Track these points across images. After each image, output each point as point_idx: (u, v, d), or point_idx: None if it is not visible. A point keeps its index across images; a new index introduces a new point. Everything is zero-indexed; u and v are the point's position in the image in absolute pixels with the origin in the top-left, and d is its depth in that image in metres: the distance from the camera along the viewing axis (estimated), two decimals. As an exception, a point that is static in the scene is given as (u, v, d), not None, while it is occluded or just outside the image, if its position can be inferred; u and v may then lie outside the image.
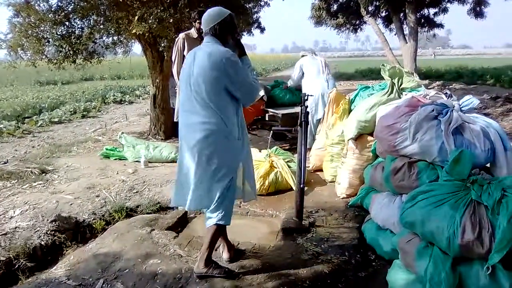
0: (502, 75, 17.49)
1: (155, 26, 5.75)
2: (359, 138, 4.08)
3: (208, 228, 2.77)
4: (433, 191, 2.37)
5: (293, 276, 2.81)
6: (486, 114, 8.90)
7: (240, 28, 15.64)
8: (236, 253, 3.10)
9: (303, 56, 6.49)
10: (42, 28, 6.27)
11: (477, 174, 2.46)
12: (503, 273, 2.06)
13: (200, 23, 5.27)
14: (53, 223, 3.69)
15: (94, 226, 3.85)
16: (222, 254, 3.05)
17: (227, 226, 2.82)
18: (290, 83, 6.64)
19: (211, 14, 2.70)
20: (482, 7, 15.22)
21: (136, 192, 4.60)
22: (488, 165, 2.88)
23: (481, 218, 2.13)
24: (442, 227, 2.18)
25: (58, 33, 6.46)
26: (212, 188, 2.67)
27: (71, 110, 11.04)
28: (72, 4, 6.38)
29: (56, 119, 9.89)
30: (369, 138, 3.99)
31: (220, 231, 2.83)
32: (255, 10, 16.03)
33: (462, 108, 2.96)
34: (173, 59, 4.99)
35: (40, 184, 4.86)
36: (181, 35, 4.98)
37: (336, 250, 3.17)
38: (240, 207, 4.13)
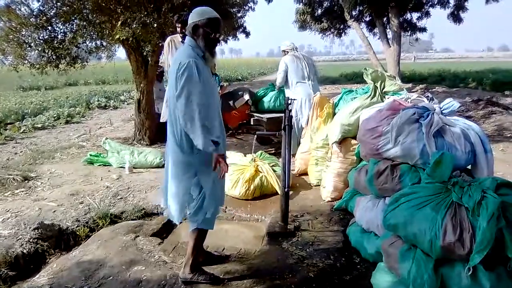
0: (483, 78, 17.83)
1: (138, 30, 5.72)
2: (343, 141, 4.10)
3: (190, 233, 2.77)
4: (415, 193, 2.40)
5: (278, 280, 2.82)
6: (468, 117, 9.06)
7: (224, 33, 15.70)
8: (218, 259, 3.09)
9: (284, 51, 6.22)
10: (23, 33, 6.18)
11: (458, 176, 2.50)
12: (484, 273, 2.09)
13: (180, 26, 5.29)
14: (36, 230, 3.63)
15: (78, 233, 3.80)
16: None
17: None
18: (277, 84, 6.46)
19: (193, 12, 2.61)
20: (460, 12, 15.50)
21: (121, 198, 4.56)
22: (469, 167, 2.93)
23: (462, 220, 2.17)
24: (424, 229, 2.21)
25: (40, 37, 6.38)
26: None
27: (54, 115, 10.88)
28: (54, 8, 6.31)
29: (39, 125, 9.74)
30: (353, 141, 4.02)
31: (202, 236, 2.81)
32: (240, 14, 16.08)
33: (443, 111, 3.01)
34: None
35: (22, 191, 4.79)
36: (168, 39, 4.99)
37: (321, 253, 3.18)
38: (225, 212, 4.12)
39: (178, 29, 5.06)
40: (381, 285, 2.55)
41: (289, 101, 3.66)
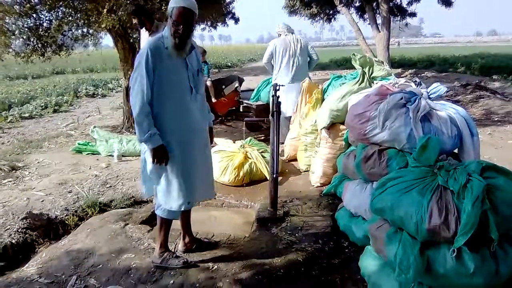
0: (472, 63, 17.93)
1: (125, 17, 5.65)
2: (331, 127, 4.11)
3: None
4: (402, 177, 2.42)
5: (267, 265, 2.84)
6: (457, 101, 9.13)
7: (212, 19, 15.55)
8: (208, 245, 3.11)
9: (278, 34, 5.96)
10: (7, 21, 6.06)
11: (444, 160, 2.51)
12: (469, 255, 2.11)
13: (135, 17, 5.28)
14: (24, 220, 3.62)
15: (67, 222, 3.79)
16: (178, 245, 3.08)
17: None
18: (262, 63, 6.23)
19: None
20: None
21: (110, 186, 4.54)
22: (456, 150, 2.95)
23: (448, 203, 2.19)
24: (410, 212, 2.23)
25: (24, 25, 6.27)
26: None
27: (42, 104, 10.75)
28: (39, -6, 6.19)
29: (27, 114, 9.62)
30: (342, 127, 4.03)
31: (165, 221, 2.83)
32: (229, 1, 15.93)
33: (430, 96, 3.01)
34: None
35: (10, 181, 4.75)
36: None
37: (310, 238, 3.21)
38: (215, 198, 4.13)
39: (135, 21, 5.07)
40: (368, 268, 2.58)
41: (277, 87, 3.65)
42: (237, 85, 7.32)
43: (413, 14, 17.82)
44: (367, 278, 2.59)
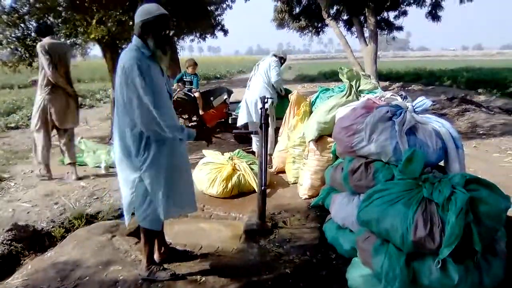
0: (458, 76, 18.27)
1: (114, 29, 5.67)
2: (319, 139, 4.15)
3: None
4: (388, 189, 2.46)
5: (256, 277, 2.84)
6: (443, 114, 9.27)
7: (201, 31, 15.64)
8: (183, 254, 3.12)
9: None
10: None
11: (429, 173, 2.56)
12: (453, 266, 2.16)
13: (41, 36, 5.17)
14: (10, 232, 3.56)
15: (53, 234, 3.74)
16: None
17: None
18: None
19: (139, 11, 2.54)
20: (438, 10, 15.76)
21: (97, 198, 4.51)
22: (442, 163, 3.01)
23: (432, 215, 2.23)
24: (396, 224, 2.26)
25: (12, 35, 6.26)
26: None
27: (28, 115, 10.61)
28: (27, 5, 6.19)
29: (13, 125, 9.53)
30: (329, 139, 4.07)
31: (151, 233, 2.80)
32: (218, 13, 16.05)
33: (416, 109, 3.07)
34: None
35: (-5, 192, 4.69)
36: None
37: (298, 250, 3.22)
38: (203, 210, 4.13)
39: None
40: (356, 279, 2.60)
41: (265, 100, 3.69)
42: (226, 97, 7.35)
43: (400, 28, 18.09)
44: (354, 290, 2.60)
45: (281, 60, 5.87)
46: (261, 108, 3.61)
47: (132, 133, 2.54)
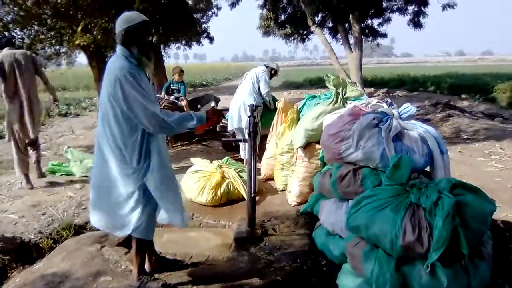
0: (441, 82, 18.58)
1: (100, 36, 5.66)
2: (307, 146, 4.18)
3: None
4: (376, 195, 2.49)
5: (247, 285, 2.85)
6: (428, 120, 9.41)
7: (187, 39, 15.65)
8: (173, 263, 3.11)
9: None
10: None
11: (416, 178, 2.60)
12: (442, 270, 2.19)
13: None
14: (-4, 244, 3.52)
15: (41, 245, 3.70)
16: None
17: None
18: None
19: (120, 20, 2.54)
20: (420, 17, 16.02)
21: (85, 208, 4.45)
22: (428, 168, 3.06)
23: (420, 220, 2.27)
24: (385, 229, 2.30)
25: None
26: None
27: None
28: (12, 13, 6.14)
29: (-4, 135, 9.38)
30: (317, 146, 4.10)
31: (143, 243, 2.79)
32: (204, 20, 16.08)
33: (401, 116, 3.13)
34: None
35: (-20, 204, 4.61)
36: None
37: (288, 257, 3.23)
38: (192, 219, 4.12)
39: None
40: (346, 285, 2.62)
41: (254, 108, 3.71)
42: (213, 104, 7.36)
43: (384, 35, 18.34)
44: (345, 296, 2.62)
45: (272, 71, 5.92)
46: (249, 116, 3.63)
47: (131, 142, 2.53)
